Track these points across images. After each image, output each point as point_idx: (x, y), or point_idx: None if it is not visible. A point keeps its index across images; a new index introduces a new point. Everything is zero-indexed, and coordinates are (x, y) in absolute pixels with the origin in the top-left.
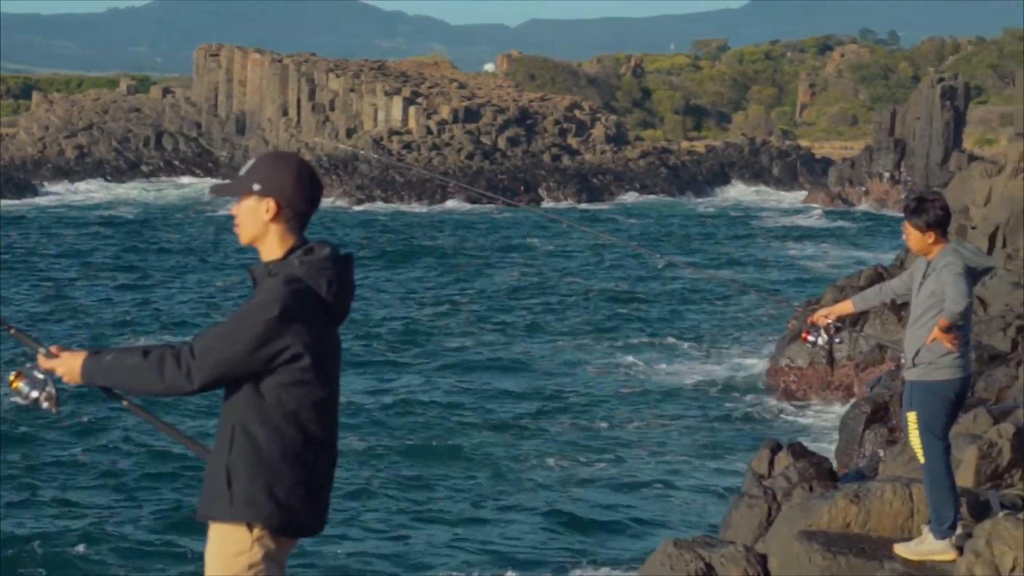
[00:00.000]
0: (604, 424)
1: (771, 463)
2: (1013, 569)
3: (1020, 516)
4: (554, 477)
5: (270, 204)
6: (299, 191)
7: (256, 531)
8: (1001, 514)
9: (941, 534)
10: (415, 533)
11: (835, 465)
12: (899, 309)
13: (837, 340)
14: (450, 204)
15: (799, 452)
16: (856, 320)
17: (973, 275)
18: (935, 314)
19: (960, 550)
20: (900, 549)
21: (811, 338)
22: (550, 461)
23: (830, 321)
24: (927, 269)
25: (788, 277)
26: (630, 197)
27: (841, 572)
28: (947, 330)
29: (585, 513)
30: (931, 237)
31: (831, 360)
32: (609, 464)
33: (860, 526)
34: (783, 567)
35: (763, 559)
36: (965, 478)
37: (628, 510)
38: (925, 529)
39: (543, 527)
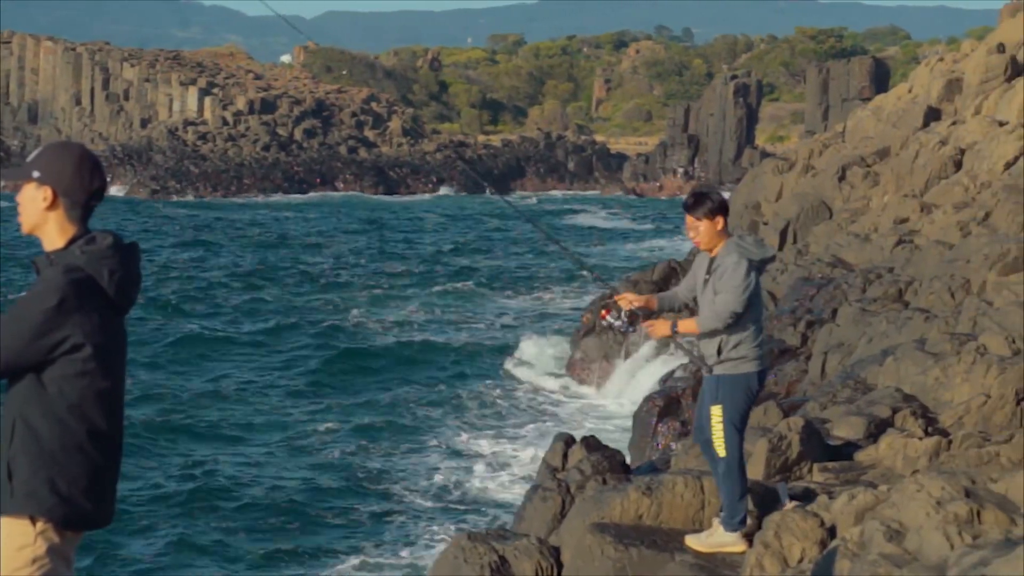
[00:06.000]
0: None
1: (565, 456)
2: (801, 560)
3: (808, 508)
4: (337, 463)
5: (47, 192)
6: (77, 181)
7: (39, 524)
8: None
9: (732, 527)
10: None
11: (628, 458)
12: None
13: (632, 329)
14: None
15: (593, 445)
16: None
17: (758, 268)
18: None
19: (750, 541)
20: (691, 541)
21: (610, 317)
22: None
23: (633, 307)
24: (710, 266)
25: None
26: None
27: (633, 564)
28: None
29: (367, 503)
30: (720, 223)
31: (625, 351)
32: (400, 453)
33: (652, 518)
34: (576, 559)
35: (556, 551)
36: (755, 471)
37: (416, 501)
38: (716, 521)
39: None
